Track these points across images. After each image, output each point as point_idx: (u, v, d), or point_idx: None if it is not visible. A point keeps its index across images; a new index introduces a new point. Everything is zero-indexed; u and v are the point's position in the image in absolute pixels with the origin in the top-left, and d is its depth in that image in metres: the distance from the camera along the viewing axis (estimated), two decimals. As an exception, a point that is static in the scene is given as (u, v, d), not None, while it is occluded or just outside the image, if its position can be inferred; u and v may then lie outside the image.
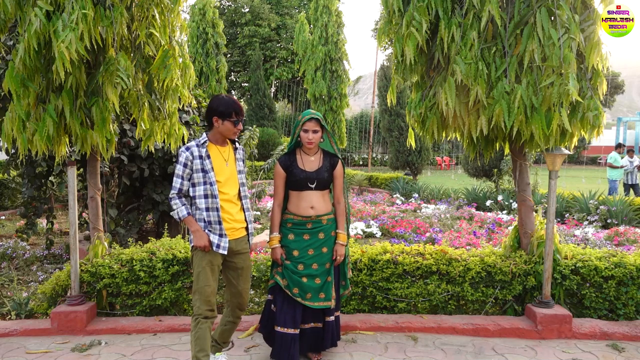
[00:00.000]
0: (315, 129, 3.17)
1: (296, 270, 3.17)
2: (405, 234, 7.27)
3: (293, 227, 3.23)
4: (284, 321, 3.15)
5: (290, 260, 3.20)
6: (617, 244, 6.33)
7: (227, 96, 3.01)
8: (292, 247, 3.21)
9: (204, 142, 2.99)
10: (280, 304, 3.20)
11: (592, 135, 3.57)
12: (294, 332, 3.13)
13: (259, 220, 8.83)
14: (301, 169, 3.21)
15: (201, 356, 2.85)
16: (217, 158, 3.01)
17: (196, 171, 2.94)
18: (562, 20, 3.25)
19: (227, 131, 3.00)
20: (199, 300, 2.90)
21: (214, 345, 3.22)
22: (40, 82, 3.54)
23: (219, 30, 21.39)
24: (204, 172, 2.94)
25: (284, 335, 3.13)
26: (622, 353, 3.48)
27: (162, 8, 3.84)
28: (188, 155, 2.93)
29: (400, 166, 15.35)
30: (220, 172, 2.99)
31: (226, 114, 2.94)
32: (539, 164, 18.91)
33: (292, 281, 3.16)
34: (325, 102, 17.84)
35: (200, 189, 2.95)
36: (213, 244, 2.95)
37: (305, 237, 3.20)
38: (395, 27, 3.78)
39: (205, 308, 2.89)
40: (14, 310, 4.12)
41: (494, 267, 3.94)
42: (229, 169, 3.04)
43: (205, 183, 2.94)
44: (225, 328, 3.21)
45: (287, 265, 3.19)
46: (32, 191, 6.06)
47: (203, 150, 2.96)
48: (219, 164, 3.00)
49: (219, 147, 3.05)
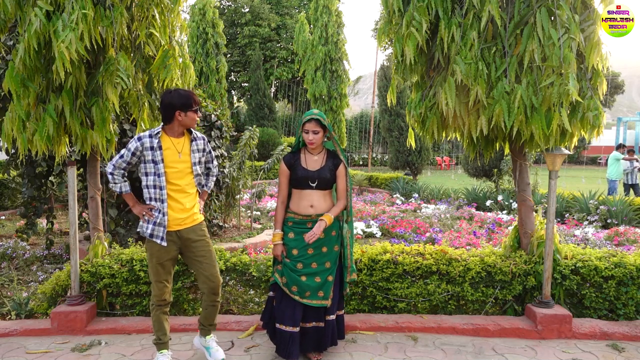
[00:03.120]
0: (315, 129, 3.17)
1: (295, 269, 3.17)
2: (405, 234, 7.27)
3: (293, 226, 3.24)
4: (282, 318, 3.17)
5: (290, 258, 3.21)
6: (617, 244, 6.33)
7: (181, 89, 3.08)
8: (292, 245, 3.22)
9: (157, 133, 3.03)
10: (279, 301, 3.22)
11: (592, 135, 3.57)
12: (293, 329, 3.13)
13: (258, 220, 8.83)
14: (303, 167, 3.23)
15: (160, 335, 3.17)
16: (170, 149, 3.06)
17: (147, 162, 3.01)
18: (562, 20, 3.25)
19: (190, 121, 3.08)
20: (153, 292, 3.14)
21: (202, 329, 3.35)
22: (40, 82, 3.54)
23: (219, 30, 21.40)
24: (154, 163, 3.00)
25: (283, 333, 3.15)
26: (622, 353, 3.48)
27: (162, 8, 3.84)
28: (138, 146, 3.00)
29: (400, 166, 15.36)
30: (171, 164, 3.04)
31: (187, 106, 3.02)
32: (539, 164, 18.92)
33: (290, 279, 3.17)
34: (325, 102, 17.86)
35: (150, 179, 3.03)
36: (158, 237, 3.04)
37: (308, 227, 3.22)
38: (395, 27, 3.78)
39: (157, 299, 3.13)
40: (14, 310, 4.12)
41: (494, 267, 3.94)
42: (181, 160, 3.09)
43: (155, 174, 3.01)
44: (207, 311, 3.31)
45: (286, 264, 3.21)
46: (32, 191, 6.06)
47: (155, 141, 3.01)
48: (171, 155, 3.05)
49: (173, 138, 3.09)
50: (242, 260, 4.11)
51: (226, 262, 4.07)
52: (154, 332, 3.20)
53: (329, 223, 3.16)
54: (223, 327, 3.81)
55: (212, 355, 3.29)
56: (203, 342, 3.38)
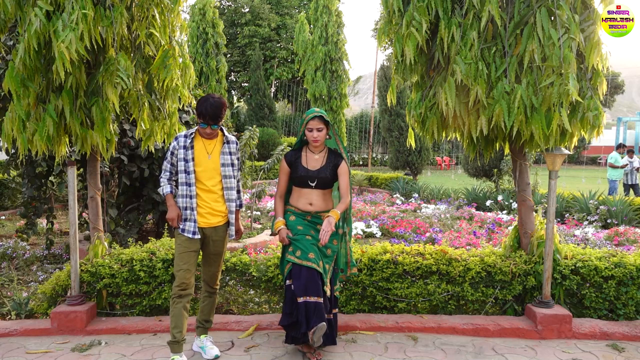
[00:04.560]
0: (319, 126, 3.22)
1: (305, 237, 3.21)
2: (405, 234, 7.27)
3: (294, 214, 3.33)
4: (306, 290, 3.11)
5: (297, 233, 3.25)
6: (617, 244, 6.33)
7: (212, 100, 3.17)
8: (296, 223, 3.28)
9: (191, 134, 3.27)
10: (298, 277, 3.16)
11: (592, 135, 3.57)
12: (317, 299, 3.10)
13: (258, 220, 8.83)
14: (304, 166, 3.26)
15: (175, 332, 3.19)
16: (200, 150, 3.27)
17: (180, 160, 3.24)
18: (562, 20, 3.25)
19: (202, 131, 3.25)
20: (176, 282, 3.20)
21: (199, 327, 3.47)
22: (40, 82, 3.54)
23: (219, 30, 21.37)
24: (185, 161, 3.23)
25: (308, 305, 3.09)
26: (622, 353, 3.48)
27: (162, 8, 3.84)
28: (175, 145, 3.26)
29: (400, 166, 15.35)
30: (200, 163, 3.25)
31: (200, 116, 3.18)
32: (539, 164, 18.92)
33: (304, 247, 3.18)
34: (325, 102, 17.84)
35: (182, 176, 3.24)
36: (189, 231, 3.22)
37: (306, 220, 3.30)
38: (395, 27, 3.78)
39: (178, 289, 3.18)
40: (14, 310, 4.12)
41: (494, 267, 3.94)
42: (211, 161, 3.27)
43: (185, 171, 3.22)
44: (204, 304, 3.46)
45: (296, 239, 3.23)
46: (32, 191, 6.05)
47: (188, 141, 3.25)
48: (201, 155, 3.26)
49: (205, 140, 3.29)
50: (242, 260, 4.11)
51: (226, 262, 4.07)
52: (170, 329, 3.21)
53: (336, 219, 3.20)
54: (223, 327, 3.81)
55: (207, 353, 3.35)
56: (198, 342, 3.44)
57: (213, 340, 3.49)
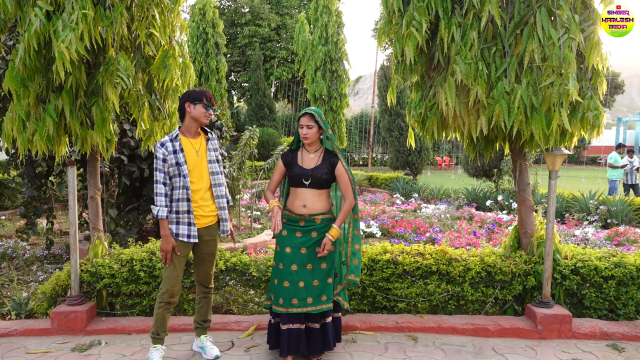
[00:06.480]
0: (309, 124, 3.20)
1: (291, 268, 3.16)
2: (405, 234, 7.27)
3: (287, 223, 3.26)
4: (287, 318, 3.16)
5: (283, 261, 3.19)
6: (617, 244, 6.33)
7: (198, 89, 3.23)
8: (285, 244, 3.22)
9: (176, 136, 3.19)
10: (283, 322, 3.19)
11: (592, 135, 3.57)
12: (300, 326, 3.16)
13: (258, 220, 8.83)
14: (298, 165, 3.26)
15: (160, 331, 3.25)
16: (190, 150, 3.21)
17: (172, 165, 3.15)
18: (562, 20, 3.25)
19: (199, 115, 3.19)
20: (164, 288, 3.19)
21: (198, 327, 3.47)
22: (40, 82, 3.54)
23: (219, 30, 21.36)
24: (177, 165, 3.14)
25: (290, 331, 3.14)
26: (622, 353, 3.48)
27: (162, 8, 3.84)
28: (164, 151, 3.13)
29: (400, 166, 15.34)
30: (192, 164, 3.20)
31: (197, 99, 3.15)
32: (539, 164, 18.92)
33: (288, 292, 3.14)
34: (325, 102, 17.83)
35: (176, 181, 3.16)
36: (184, 235, 3.17)
37: (298, 234, 3.21)
38: (395, 27, 3.78)
39: (167, 296, 3.19)
40: (14, 310, 4.12)
41: (494, 267, 3.94)
42: (199, 159, 3.24)
43: (179, 175, 3.15)
44: (200, 305, 3.45)
45: (280, 270, 3.19)
46: (32, 191, 6.05)
47: (176, 144, 3.17)
48: (191, 155, 3.21)
49: (191, 139, 3.25)
50: (242, 260, 4.11)
51: (226, 262, 4.07)
52: (155, 327, 3.25)
53: (334, 237, 3.17)
54: (223, 327, 3.81)
55: (207, 353, 3.35)
56: (198, 342, 3.44)
57: (213, 340, 3.49)
